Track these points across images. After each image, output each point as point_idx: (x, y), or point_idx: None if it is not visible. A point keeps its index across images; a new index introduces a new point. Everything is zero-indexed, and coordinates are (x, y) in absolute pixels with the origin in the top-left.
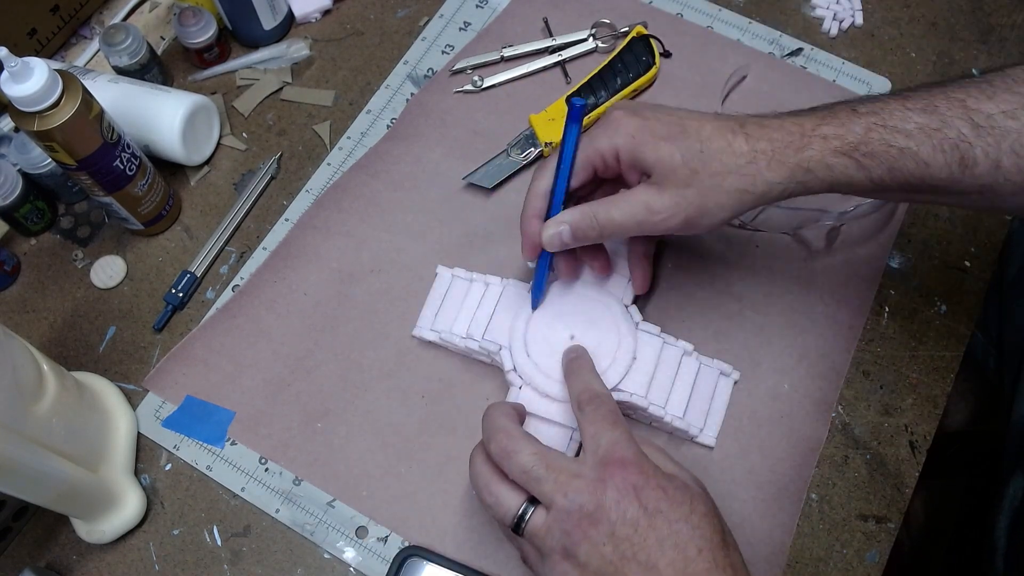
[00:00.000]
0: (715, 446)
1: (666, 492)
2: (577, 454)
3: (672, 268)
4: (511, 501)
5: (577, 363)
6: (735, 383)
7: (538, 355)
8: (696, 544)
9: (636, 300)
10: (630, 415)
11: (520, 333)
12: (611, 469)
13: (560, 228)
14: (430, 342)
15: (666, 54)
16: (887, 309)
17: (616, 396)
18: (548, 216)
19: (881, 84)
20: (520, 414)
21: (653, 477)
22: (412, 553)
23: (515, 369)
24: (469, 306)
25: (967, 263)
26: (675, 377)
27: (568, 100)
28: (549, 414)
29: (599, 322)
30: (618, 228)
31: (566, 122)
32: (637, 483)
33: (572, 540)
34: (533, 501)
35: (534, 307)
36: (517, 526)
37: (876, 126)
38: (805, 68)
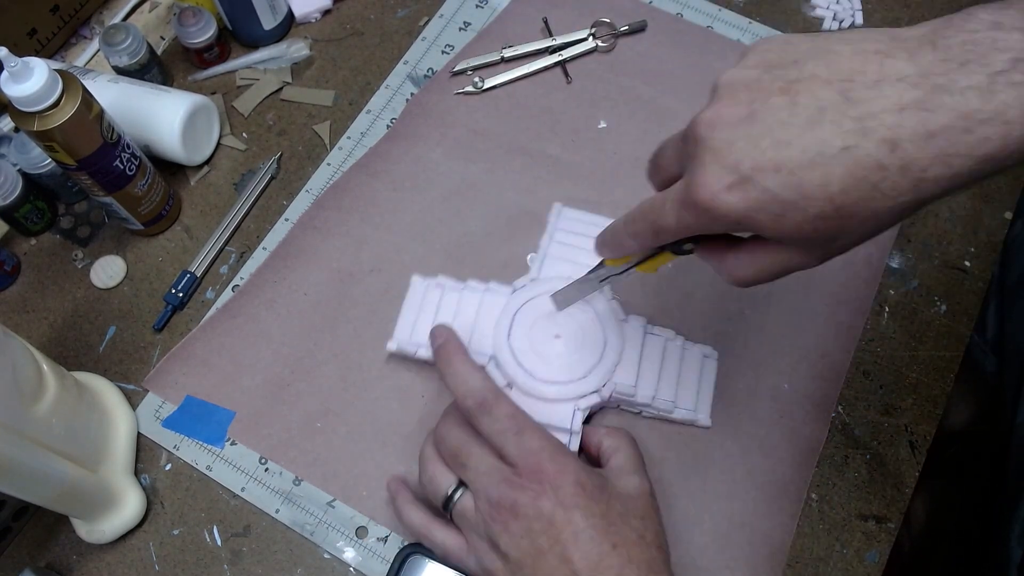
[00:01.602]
0: (711, 425)
1: (584, 489)
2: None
3: (672, 268)
4: (443, 480)
5: (446, 351)
6: (716, 362)
7: (526, 359)
8: (611, 540)
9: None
10: (621, 407)
11: (504, 339)
12: (526, 468)
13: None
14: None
15: None
16: (887, 309)
17: (608, 390)
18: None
19: None
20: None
21: (572, 473)
22: (414, 551)
23: (504, 376)
24: (445, 317)
25: (967, 263)
26: (661, 365)
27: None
28: (544, 418)
29: (584, 321)
30: (761, 281)
31: None
32: (555, 482)
33: (493, 531)
34: (464, 484)
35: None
36: (446, 505)
37: None
38: None
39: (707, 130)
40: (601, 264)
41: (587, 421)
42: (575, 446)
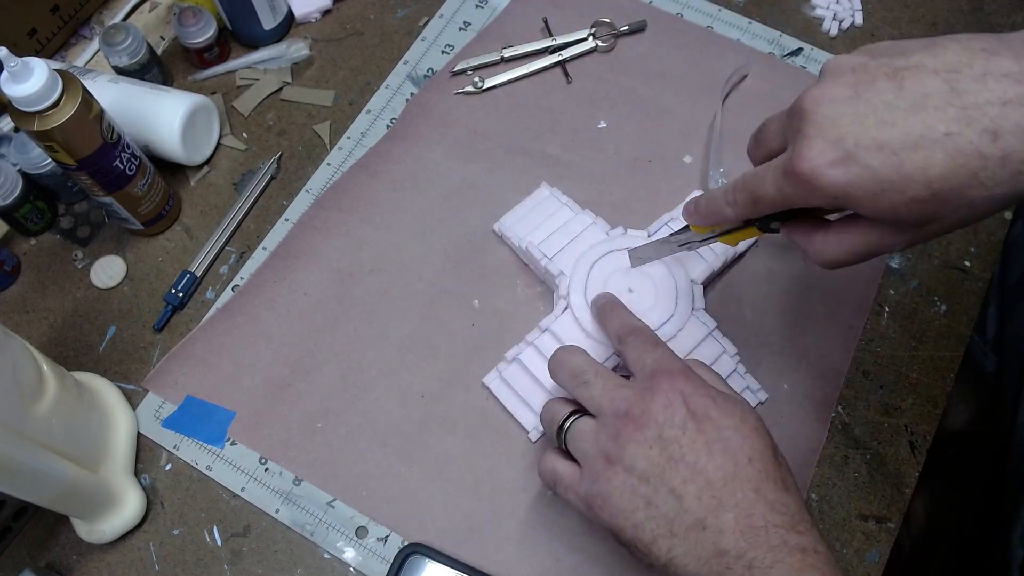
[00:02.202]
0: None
1: (715, 401)
2: None
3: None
4: (560, 408)
5: (612, 304)
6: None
7: (592, 293)
8: (746, 453)
9: (705, 287)
10: None
11: (584, 269)
12: (659, 378)
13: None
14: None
15: None
16: (887, 309)
17: None
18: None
19: None
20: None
21: (701, 387)
22: (414, 551)
23: (567, 296)
24: (551, 225)
25: (967, 263)
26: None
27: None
28: (578, 342)
29: (662, 291)
30: (848, 263)
31: None
32: (685, 390)
33: (618, 443)
34: (578, 413)
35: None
36: (561, 430)
37: None
38: (805, 68)
39: (813, 105)
40: (685, 228)
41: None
42: None
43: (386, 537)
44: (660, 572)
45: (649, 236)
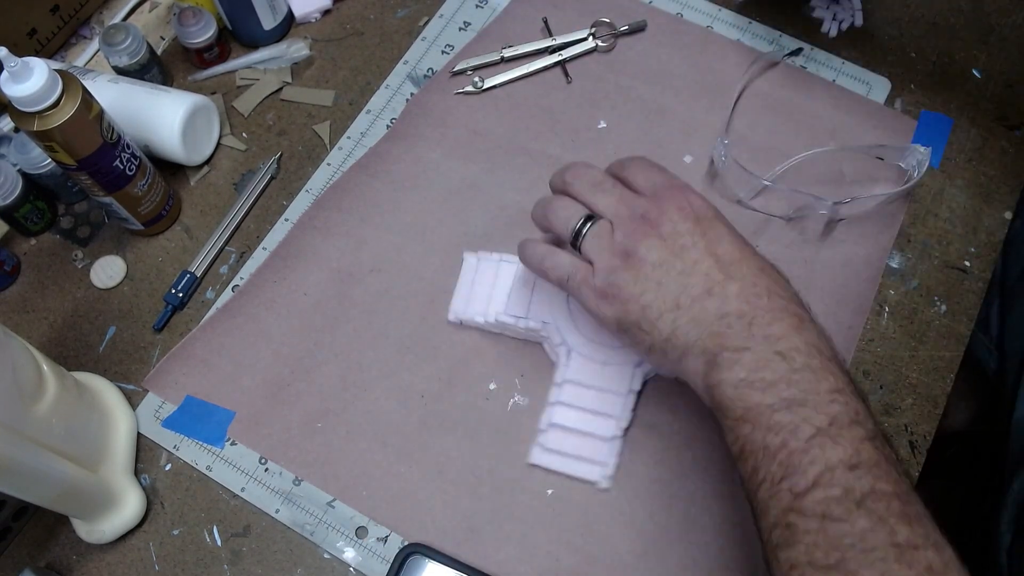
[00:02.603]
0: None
1: (719, 217)
2: (631, 423)
3: None
4: (574, 210)
5: (578, 168)
6: None
7: (583, 324)
8: (749, 248)
9: None
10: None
11: (563, 305)
12: (672, 190)
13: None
14: (460, 326)
15: None
16: (887, 309)
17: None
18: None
19: (881, 84)
20: None
21: (709, 206)
22: (414, 550)
23: (564, 341)
24: (503, 286)
25: (967, 263)
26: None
27: None
28: (597, 381)
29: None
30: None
31: None
32: (693, 202)
33: (633, 240)
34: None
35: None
36: (577, 234)
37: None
38: (805, 68)
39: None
40: None
41: (642, 389)
42: (631, 404)
43: (386, 537)
44: (658, 353)
45: None
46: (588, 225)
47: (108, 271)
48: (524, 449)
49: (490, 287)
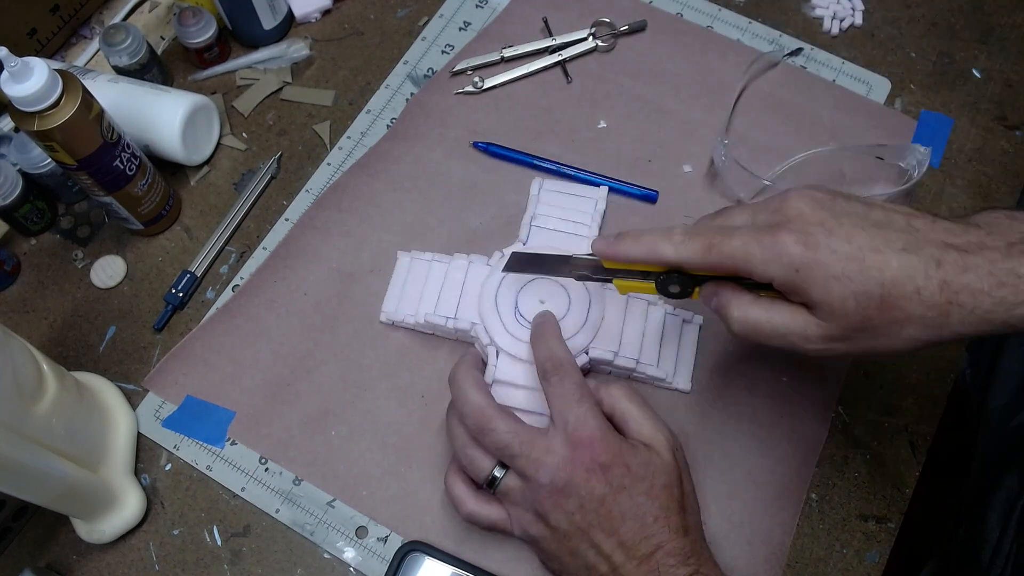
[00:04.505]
0: (690, 390)
1: (630, 469)
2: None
3: None
4: (485, 464)
5: (542, 328)
6: (700, 328)
7: (511, 325)
8: (653, 513)
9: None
10: (606, 370)
11: (491, 305)
12: (580, 450)
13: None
14: (410, 330)
15: None
16: None
17: (591, 354)
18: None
19: (881, 84)
20: (483, 381)
21: (619, 455)
22: (413, 548)
23: (492, 342)
24: (433, 287)
25: None
26: (643, 330)
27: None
28: (525, 380)
29: (569, 287)
30: (762, 336)
31: None
32: (604, 462)
33: (544, 508)
34: (504, 465)
35: (506, 270)
36: (491, 484)
37: None
38: (805, 68)
39: (794, 202)
40: (583, 259)
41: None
42: None
43: (386, 537)
44: None
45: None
46: (500, 479)
47: (108, 271)
48: None
49: (421, 287)
